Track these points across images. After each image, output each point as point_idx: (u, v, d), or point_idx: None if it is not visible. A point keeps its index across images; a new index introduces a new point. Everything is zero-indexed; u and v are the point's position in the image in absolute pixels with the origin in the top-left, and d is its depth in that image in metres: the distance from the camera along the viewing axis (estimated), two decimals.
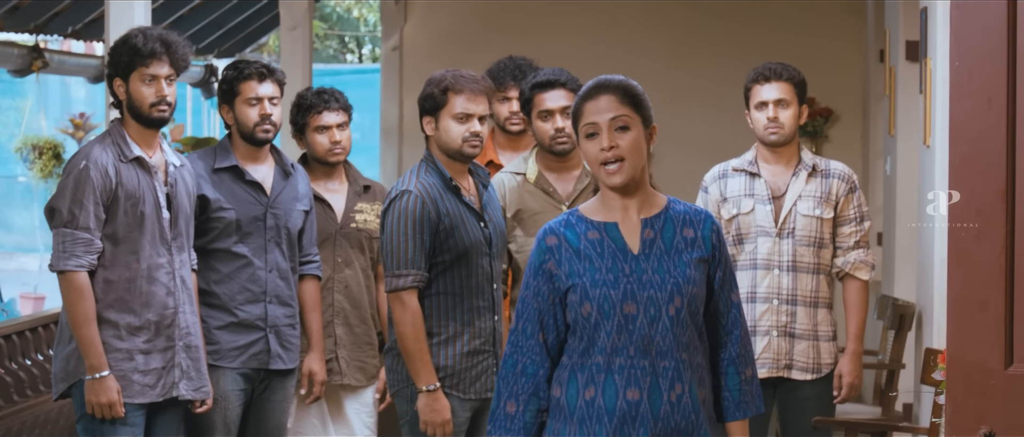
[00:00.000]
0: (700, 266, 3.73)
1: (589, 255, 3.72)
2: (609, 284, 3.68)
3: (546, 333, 3.75)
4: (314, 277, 5.58)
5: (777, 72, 5.38)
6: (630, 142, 3.68)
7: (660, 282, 3.68)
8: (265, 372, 5.40)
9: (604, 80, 3.77)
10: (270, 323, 5.36)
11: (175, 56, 5.00)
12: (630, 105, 3.72)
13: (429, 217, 4.87)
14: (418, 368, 4.87)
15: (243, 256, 5.33)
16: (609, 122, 3.68)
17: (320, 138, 5.68)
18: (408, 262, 4.85)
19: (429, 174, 4.95)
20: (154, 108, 4.99)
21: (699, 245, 3.75)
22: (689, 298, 3.69)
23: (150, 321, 4.98)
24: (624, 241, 3.72)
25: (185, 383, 5.06)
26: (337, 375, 5.71)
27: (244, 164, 5.40)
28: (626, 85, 3.75)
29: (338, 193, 5.78)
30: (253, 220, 5.34)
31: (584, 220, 3.76)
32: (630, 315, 3.66)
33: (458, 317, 4.95)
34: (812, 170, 5.41)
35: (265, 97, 5.37)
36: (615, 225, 3.74)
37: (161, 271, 5.00)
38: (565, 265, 3.72)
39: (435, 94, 4.96)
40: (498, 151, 5.95)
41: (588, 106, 3.72)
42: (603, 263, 3.70)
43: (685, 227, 3.75)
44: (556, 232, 3.76)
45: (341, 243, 5.73)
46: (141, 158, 4.98)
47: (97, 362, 4.87)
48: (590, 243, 3.72)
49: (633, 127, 3.69)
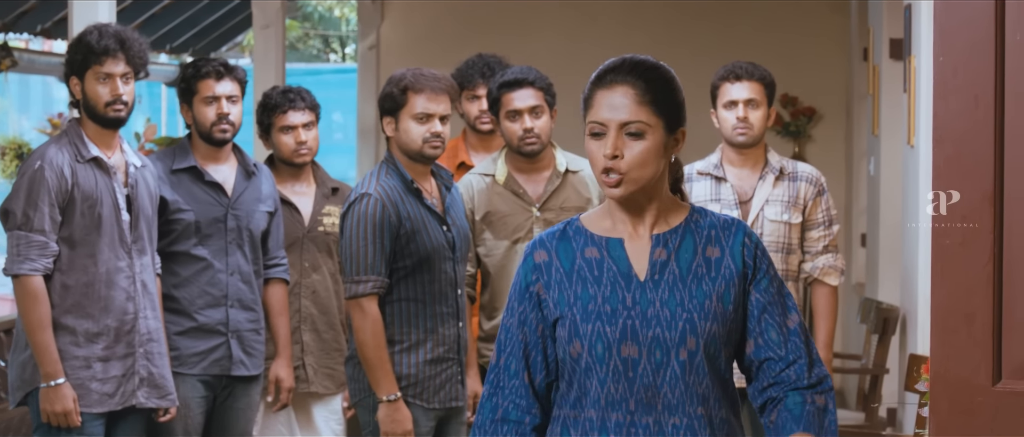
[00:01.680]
0: (728, 294, 2.96)
1: (584, 278, 2.97)
2: (605, 318, 2.93)
3: (533, 372, 3.02)
4: (281, 281, 5.47)
5: (747, 71, 5.26)
6: (640, 155, 2.92)
7: (669, 318, 2.93)
8: (227, 378, 5.27)
9: (627, 64, 2.97)
10: (232, 328, 5.24)
11: (131, 53, 4.89)
12: (652, 105, 2.93)
13: (389, 221, 4.75)
14: (378, 377, 4.75)
15: (203, 259, 5.21)
16: (619, 127, 2.93)
17: (285, 138, 5.58)
18: (368, 268, 4.73)
19: (390, 176, 4.83)
20: (109, 107, 4.87)
21: (727, 266, 2.97)
22: (707, 339, 2.92)
23: (109, 327, 4.85)
24: (629, 263, 2.97)
25: (146, 391, 4.93)
26: (305, 382, 5.60)
27: (204, 164, 5.28)
28: (653, 76, 2.96)
29: (305, 195, 5.67)
30: (213, 222, 5.22)
31: (583, 232, 3.01)
32: (630, 359, 2.93)
33: (421, 324, 4.83)
34: (779, 173, 5.29)
35: (223, 96, 5.25)
36: (619, 242, 2.98)
37: (121, 275, 4.87)
38: (554, 289, 2.98)
39: (394, 94, 4.84)
40: (470, 152, 5.83)
41: (600, 96, 2.96)
42: (600, 290, 2.95)
43: (710, 245, 2.98)
44: (547, 246, 3.02)
45: (308, 247, 5.62)
46: (99, 158, 4.86)
47: (52, 370, 4.75)
48: (587, 263, 2.98)
49: (649, 135, 2.93)
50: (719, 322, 2.95)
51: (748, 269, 2.98)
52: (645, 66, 2.97)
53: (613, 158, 2.93)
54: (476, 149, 5.84)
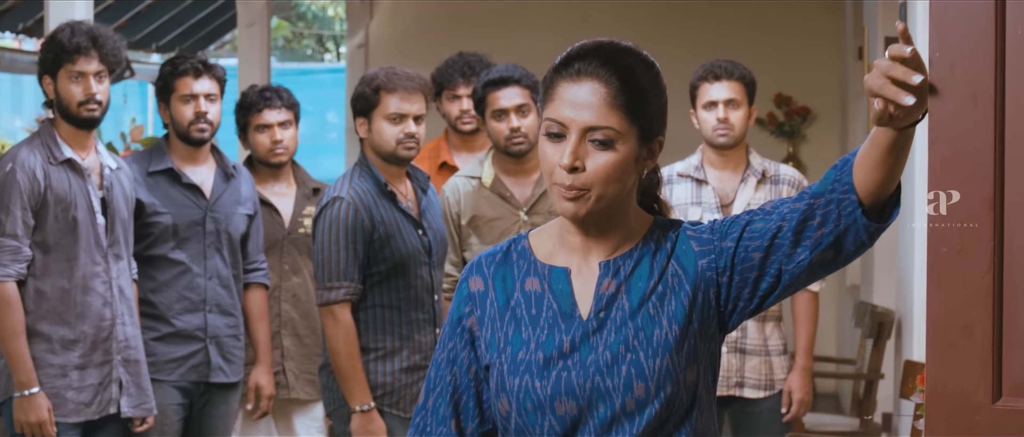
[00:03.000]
0: (680, 309, 2.39)
1: (518, 318, 2.43)
2: (535, 369, 2.38)
3: (463, 420, 2.50)
4: (261, 285, 5.36)
5: (727, 70, 5.14)
6: (606, 168, 2.35)
7: (610, 362, 2.36)
8: (205, 385, 5.17)
9: (603, 51, 2.39)
10: (210, 333, 5.13)
11: (103, 51, 4.77)
12: (626, 109, 2.36)
13: (362, 225, 4.63)
14: (351, 386, 4.63)
15: (181, 263, 5.10)
16: (582, 131, 2.35)
17: (261, 137, 5.48)
18: (340, 274, 4.61)
19: (363, 179, 4.71)
20: (82, 107, 4.76)
21: (675, 274, 2.40)
22: (660, 379, 2.35)
23: (86, 334, 4.74)
24: (573, 299, 2.41)
25: (125, 400, 4.83)
26: (285, 389, 5.49)
27: (181, 166, 5.17)
28: (633, 72, 2.38)
29: (285, 196, 5.56)
30: (191, 225, 5.11)
31: (527, 256, 2.47)
32: (568, 418, 2.37)
33: (396, 331, 4.71)
34: (761, 176, 5.17)
35: (201, 94, 5.14)
36: (565, 273, 2.42)
37: (97, 280, 4.75)
38: (487, 327, 2.46)
39: (367, 94, 4.73)
40: (452, 153, 5.71)
41: (563, 88, 2.38)
42: (535, 333, 2.40)
43: (664, 260, 2.42)
44: (484, 271, 2.49)
45: (289, 249, 5.51)
46: (73, 160, 4.74)
47: (26, 378, 4.64)
48: (525, 298, 2.44)
49: (620, 145, 2.35)
50: (673, 352, 2.36)
51: (705, 255, 2.39)
52: (625, 58, 2.39)
53: (572, 169, 2.34)
54: (458, 149, 5.72)
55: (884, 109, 2.14)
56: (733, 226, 2.38)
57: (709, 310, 2.39)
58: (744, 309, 2.39)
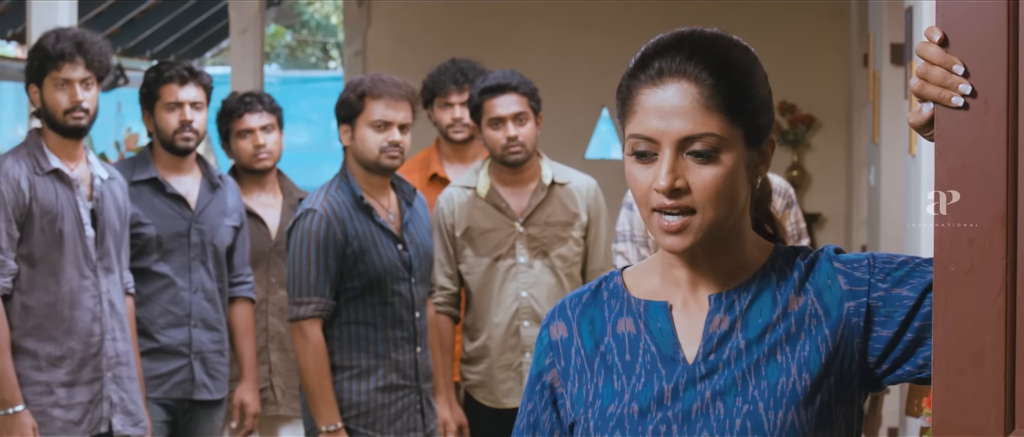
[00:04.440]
0: (814, 356, 1.96)
1: (609, 365, 2.02)
2: (628, 424, 1.98)
3: None
4: (247, 299, 5.23)
5: None
6: (713, 184, 1.93)
7: (723, 415, 1.95)
8: (189, 403, 5.04)
9: (686, 42, 2.01)
10: (195, 349, 5.00)
11: (89, 57, 4.64)
12: (725, 109, 1.95)
13: (334, 239, 4.50)
14: (318, 405, 4.51)
15: (165, 276, 4.97)
16: (677, 143, 1.93)
17: (243, 143, 5.35)
18: (310, 289, 4.49)
19: (340, 191, 4.58)
20: (69, 115, 4.62)
21: (812, 314, 1.98)
22: (782, 435, 1.94)
23: (73, 350, 4.60)
24: (675, 339, 2.00)
25: (118, 418, 4.69)
26: (272, 405, 5.36)
27: (166, 176, 5.05)
28: (724, 58, 1.99)
29: (272, 207, 5.43)
30: (175, 236, 4.99)
31: (620, 294, 2.06)
32: None
33: (372, 349, 4.58)
34: None
35: (186, 102, 5.02)
36: (665, 309, 2.02)
37: (86, 294, 4.62)
38: (574, 380, 2.05)
39: (351, 100, 4.60)
40: (443, 163, 5.54)
41: (644, 96, 1.96)
42: (630, 382, 2.00)
43: (793, 294, 2.00)
44: (568, 315, 2.09)
45: (275, 261, 5.38)
46: (60, 171, 4.60)
47: (10, 396, 4.50)
48: (618, 341, 2.03)
49: (726, 154, 1.94)
50: (801, 407, 1.94)
51: (855, 296, 1.97)
52: (714, 46, 2.00)
53: (673, 192, 1.93)
54: (450, 160, 5.55)
55: (927, 116, 1.90)
56: (908, 272, 1.97)
57: (851, 365, 1.96)
58: (911, 374, 1.98)
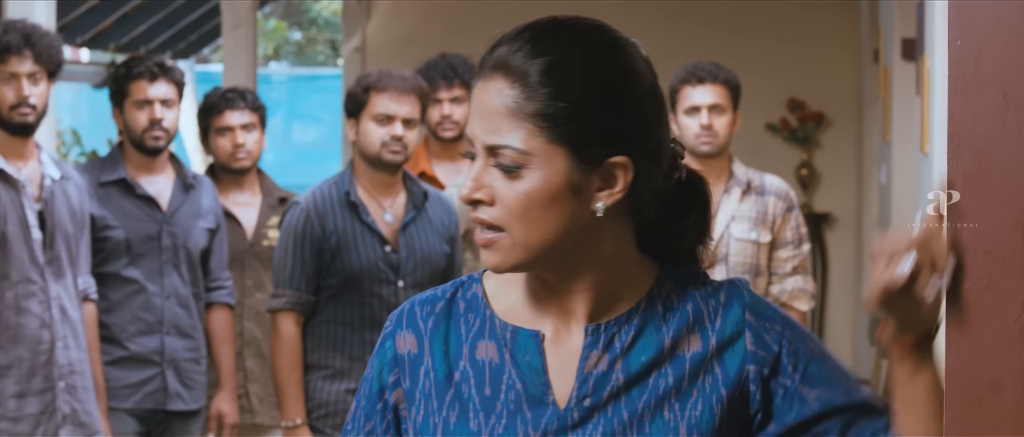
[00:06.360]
0: (707, 417, 1.71)
1: (463, 399, 1.72)
2: None
3: None
4: (225, 305, 5.02)
5: (711, 73, 4.81)
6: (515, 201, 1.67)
7: None
8: (163, 414, 4.83)
9: (528, 31, 1.80)
10: (167, 357, 4.80)
11: (37, 50, 4.41)
12: (541, 118, 1.69)
13: (312, 233, 4.39)
14: (283, 399, 4.44)
15: (135, 281, 4.76)
16: (486, 151, 1.73)
17: (222, 141, 5.17)
18: (285, 281, 4.42)
19: (335, 185, 4.46)
20: (14, 111, 4.39)
21: (710, 369, 1.72)
22: None
23: (21, 358, 4.36)
24: (545, 377, 1.71)
25: (70, 429, 4.46)
26: (249, 414, 5.16)
27: (136, 176, 4.83)
28: (559, 58, 1.75)
29: (249, 206, 5.23)
30: (146, 240, 4.77)
31: (480, 307, 1.76)
32: None
33: (346, 350, 4.44)
34: (746, 187, 4.84)
35: (156, 99, 4.81)
36: (535, 339, 1.72)
37: (33, 300, 4.38)
38: (420, 407, 1.74)
39: (357, 93, 4.47)
40: (432, 160, 5.32)
41: (475, 92, 1.80)
42: (490, 422, 1.71)
43: (687, 332, 1.73)
44: (419, 327, 1.77)
45: (251, 263, 5.17)
46: (3, 171, 4.36)
47: None
48: (477, 369, 1.73)
49: (531, 170, 1.68)
50: None
51: (759, 360, 1.74)
52: (555, 41, 1.72)
53: (472, 202, 1.68)
54: (438, 158, 5.33)
55: (883, 327, 1.67)
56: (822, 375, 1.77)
57: (738, 418, 1.74)
58: None
